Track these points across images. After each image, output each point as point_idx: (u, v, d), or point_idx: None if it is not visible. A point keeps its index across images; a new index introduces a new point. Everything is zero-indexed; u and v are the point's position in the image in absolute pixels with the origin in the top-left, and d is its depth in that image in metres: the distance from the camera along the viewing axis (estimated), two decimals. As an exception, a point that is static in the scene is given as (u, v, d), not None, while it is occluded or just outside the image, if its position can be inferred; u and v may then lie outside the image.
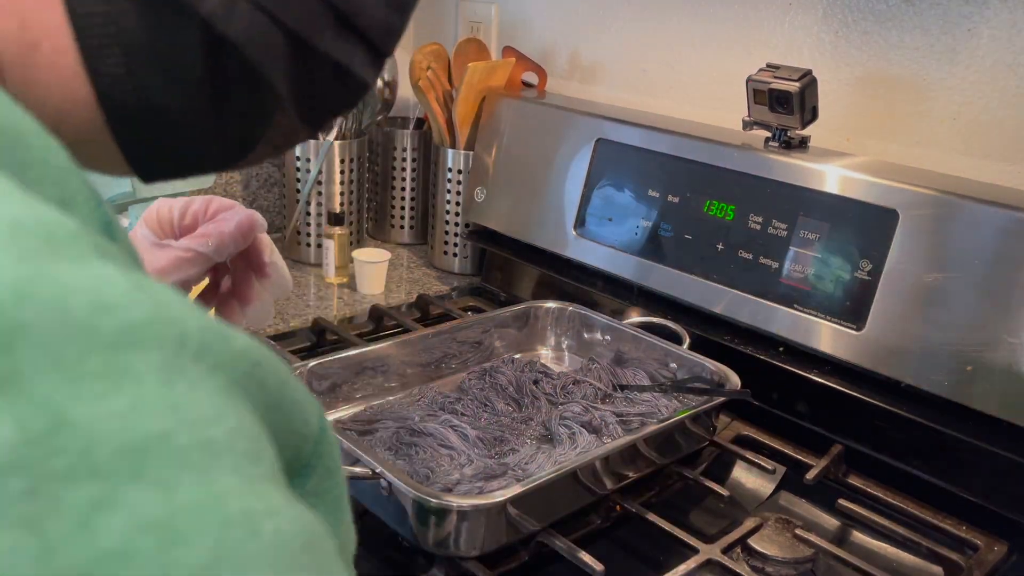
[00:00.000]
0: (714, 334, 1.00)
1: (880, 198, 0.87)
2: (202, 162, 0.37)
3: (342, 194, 1.37)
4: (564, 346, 1.08)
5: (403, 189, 1.48)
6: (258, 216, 0.58)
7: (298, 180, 1.36)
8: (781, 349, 0.95)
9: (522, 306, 1.07)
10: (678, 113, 1.23)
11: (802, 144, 0.99)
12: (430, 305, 1.20)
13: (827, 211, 0.91)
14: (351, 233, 1.38)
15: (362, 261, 1.26)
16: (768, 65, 0.96)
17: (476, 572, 0.70)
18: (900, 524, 0.79)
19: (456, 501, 0.66)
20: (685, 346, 0.97)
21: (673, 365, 0.96)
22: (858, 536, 0.82)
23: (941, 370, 0.82)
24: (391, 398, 0.93)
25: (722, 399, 0.87)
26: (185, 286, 0.56)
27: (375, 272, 1.27)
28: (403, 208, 1.49)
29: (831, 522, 0.83)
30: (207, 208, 0.58)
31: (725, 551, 0.73)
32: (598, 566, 0.67)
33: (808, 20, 1.07)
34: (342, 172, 1.37)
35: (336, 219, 1.32)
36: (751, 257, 0.97)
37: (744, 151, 0.99)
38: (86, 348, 0.19)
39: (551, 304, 1.08)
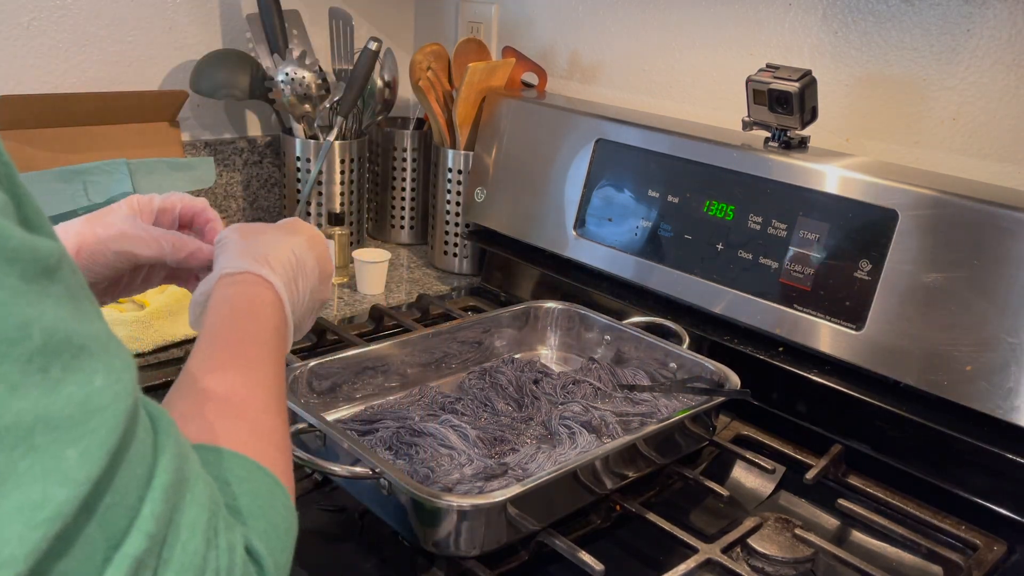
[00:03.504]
0: (714, 334, 1.00)
1: (880, 198, 0.87)
2: None
3: (342, 194, 1.37)
4: (564, 346, 1.08)
5: (403, 189, 1.48)
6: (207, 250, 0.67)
7: (298, 180, 1.36)
8: (781, 349, 0.95)
9: (522, 306, 1.07)
10: (678, 113, 1.23)
11: (802, 144, 0.99)
12: (430, 305, 1.20)
13: (827, 211, 0.91)
14: (351, 233, 1.38)
15: (362, 261, 1.26)
16: (768, 65, 0.96)
17: (476, 572, 0.70)
18: (900, 524, 0.79)
19: (456, 501, 0.67)
20: (685, 346, 0.97)
21: (673, 365, 0.96)
22: (858, 536, 0.82)
23: (941, 370, 0.82)
24: (391, 398, 0.93)
25: (722, 399, 0.88)
26: (133, 257, 0.65)
27: (375, 272, 1.27)
28: (403, 208, 1.49)
29: (831, 522, 0.83)
30: (178, 205, 0.70)
31: (725, 551, 0.73)
32: (598, 566, 0.67)
33: (808, 20, 1.08)
34: (342, 172, 1.37)
35: (336, 219, 1.32)
36: (751, 257, 0.97)
37: (744, 151, 0.99)
38: None
39: (551, 304, 1.08)
